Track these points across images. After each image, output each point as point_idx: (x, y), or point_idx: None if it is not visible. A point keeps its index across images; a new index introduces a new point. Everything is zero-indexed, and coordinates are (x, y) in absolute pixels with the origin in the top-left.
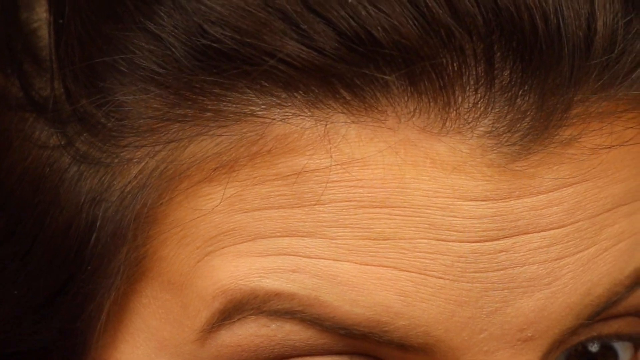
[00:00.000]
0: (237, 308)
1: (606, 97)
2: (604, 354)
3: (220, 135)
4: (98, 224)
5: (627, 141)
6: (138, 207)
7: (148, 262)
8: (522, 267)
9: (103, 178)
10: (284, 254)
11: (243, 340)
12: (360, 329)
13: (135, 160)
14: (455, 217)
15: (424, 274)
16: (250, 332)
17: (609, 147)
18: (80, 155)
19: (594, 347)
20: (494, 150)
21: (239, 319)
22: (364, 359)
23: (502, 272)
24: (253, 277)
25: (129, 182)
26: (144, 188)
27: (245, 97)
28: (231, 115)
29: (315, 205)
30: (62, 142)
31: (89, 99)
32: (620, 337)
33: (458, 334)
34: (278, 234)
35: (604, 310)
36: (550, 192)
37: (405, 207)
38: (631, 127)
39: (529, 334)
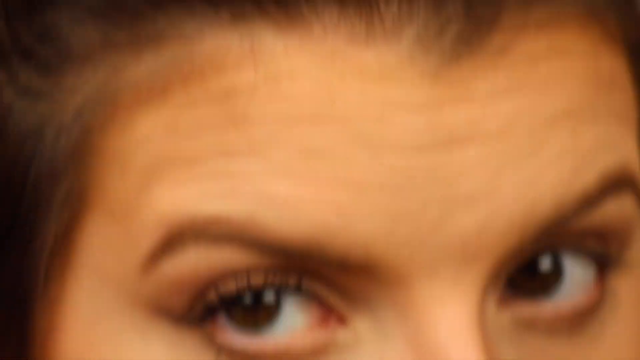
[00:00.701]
0: (177, 237)
1: (545, 4)
2: (554, 271)
3: (152, 59)
4: (37, 157)
5: (569, 54)
6: (75, 138)
7: (90, 194)
8: (460, 180)
9: (43, 110)
10: (221, 177)
11: (185, 269)
12: (299, 250)
13: (73, 90)
14: (387, 127)
15: (360, 190)
16: (190, 261)
17: (546, 60)
18: (22, 89)
19: (545, 263)
20: (423, 57)
21: (180, 249)
22: (297, 275)
23: (439, 186)
24: (191, 204)
25: (67, 113)
26: (80, 117)
27: (174, 17)
28: (162, 37)
29: (246, 123)
30: (5, 78)
31: (29, 31)
32: (576, 251)
33: (398, 251)
34: (213, 155)
35: (549, 230)
36: (485, 101)
37: (336, 120)
38: (575, 40)
39: (471, 251)
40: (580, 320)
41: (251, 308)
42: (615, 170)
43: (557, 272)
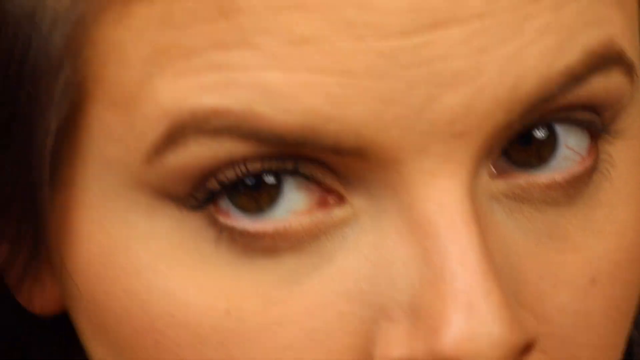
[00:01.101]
0: (179, 130)
1: None
2: (548, 141)
3: None
4: (34, 45)
5: None
6: (70, 26)
7: (90, 84)
8: (444, 61)
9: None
10: (217, 69)
11: (188, 161)
12: (294, 137)
13: None
14: (370, 13)
15: (348, 75)
16: (193, 153)
17: None
18: None
19: (539, 134)
20: None
21: (182, 142)
22: (294, 160)
23: (424, 67)
24: (191, 97)
25: (61, 2)
26: (74, 7)
27: None
28: None
29: (234, 13)
30: None
31: None
32: (568, 121)
33: (388, 132)
34: (208, 47)
35: (536, 107)
36: None
37: (320, 7)
38: None
39: (459, 129)
40: (575, 187)
41: (252, 191)
42: (600, 46)
43: (551, 142)
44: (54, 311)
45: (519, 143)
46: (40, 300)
